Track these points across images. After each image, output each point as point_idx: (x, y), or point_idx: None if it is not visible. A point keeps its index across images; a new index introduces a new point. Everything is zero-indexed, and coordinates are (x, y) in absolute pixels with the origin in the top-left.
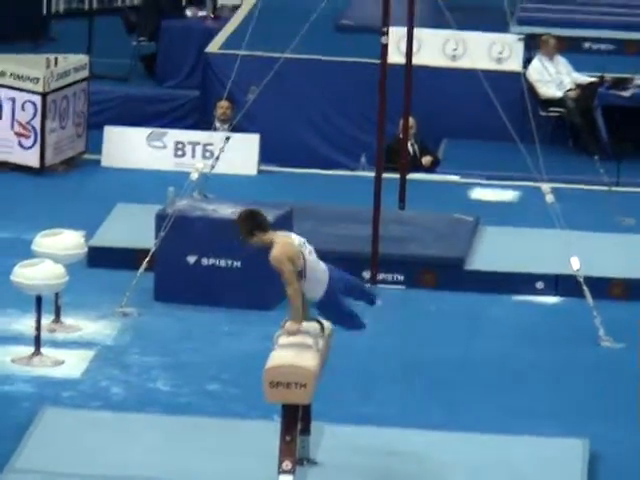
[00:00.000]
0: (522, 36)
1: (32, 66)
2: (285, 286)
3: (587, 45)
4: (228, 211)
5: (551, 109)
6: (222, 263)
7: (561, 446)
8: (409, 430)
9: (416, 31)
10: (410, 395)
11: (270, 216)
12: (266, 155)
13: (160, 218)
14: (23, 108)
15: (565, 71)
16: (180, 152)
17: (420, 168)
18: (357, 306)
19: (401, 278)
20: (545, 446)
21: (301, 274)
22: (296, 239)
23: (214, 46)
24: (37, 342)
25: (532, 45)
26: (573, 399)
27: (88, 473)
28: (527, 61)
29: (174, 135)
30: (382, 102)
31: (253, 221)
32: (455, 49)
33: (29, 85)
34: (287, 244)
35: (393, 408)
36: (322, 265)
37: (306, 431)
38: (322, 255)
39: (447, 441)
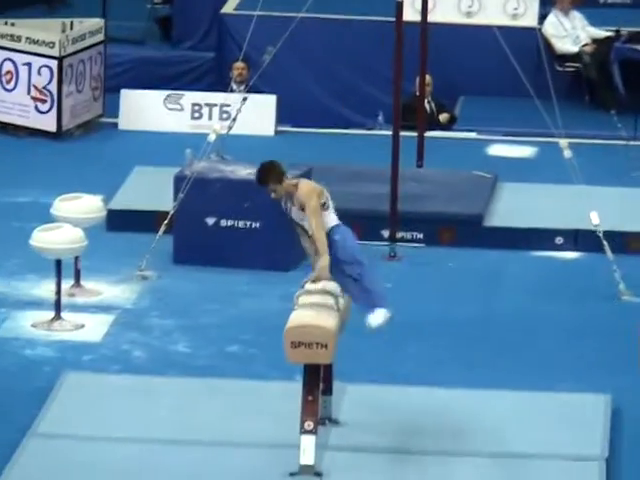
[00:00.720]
0: None
1: (47, 30)
2: (310, 219)
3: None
4: (246, 172)
5: (567, 64)
6: (241, 224)
7: (583, 401)
8: (429, 388)
9: None
10: (429, 353)
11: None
12: (283, 116)
13: (178, 180)
14: (39, 73)
15: (581, 26)
16: (197, 114)
17: (437, 126)
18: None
19: (420, 236)
20: (567, 402)
21: (324, 205)
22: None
23: (229, 7)
24: (57, 306)
25: (547, 0)
26: (594, 354)
27: (110, 436)
28: (542, 17)
29: (191, 97)
30: (398, 60)
31: (279, 168)
32: (470, 6)
33: (45, 50)
34: (312, 182)
35: (413, 366)
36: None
37: (328, 391)
38: (341, 214)
39: (468, 398)
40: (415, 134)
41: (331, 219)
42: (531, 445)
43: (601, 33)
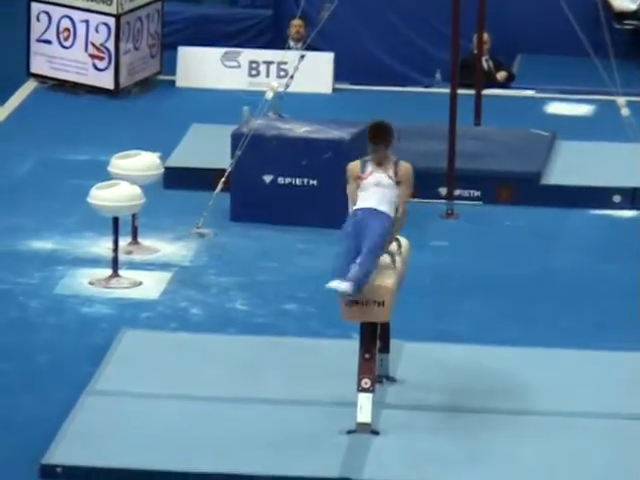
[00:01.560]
0: None
1: None
2: (404, 202)
3: None
4: (303, 130)
5: (626, 22)
6: (298, 182)
7: None
8: (487, 346)
9: None
10: (487, 311)
11: (346, 134)
12: (341, 73)
13: (236, 138)
14: (97, 30)
15: None
16: (254, 71)
17: (495, 83)
18: None
19: (477, 194)
20: (625, 360)
21: None
22: None
23: None
24: (115, 264)
25: None
26: None
27: (167, 393)
28: None
29: (248, 55)
30: (456, 18)
31: (393, 132)
32: None
33: (102, 7)
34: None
35: (471, 324)
36: None
37: (385, 349)
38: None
39: (525, 356)
40: (473, 92)
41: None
42: (588, 404)
43: None
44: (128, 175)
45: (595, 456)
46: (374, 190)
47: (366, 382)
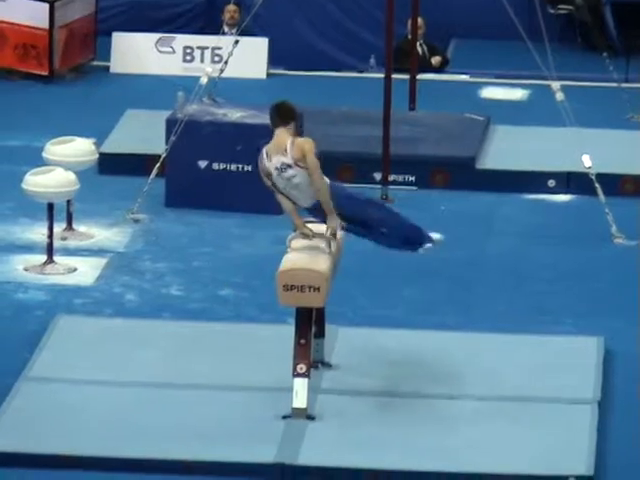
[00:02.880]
0: None
1: None
2: (315, 179)
3: None
4: (238, 115)
5: (560, 7)
6: (233, 167)
7: (575, 344)
8: (423, 331)
9: None
10: (423, 296)
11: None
12: (275, 58)
13: (170, 123)
14: (31, 16)
15: None
16: (189, 57)
17: (429, 68)
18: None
19: (412, 179)
20: (559, 344)
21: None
22: None
23: None
24: (49, 250)
25: None
26: (586, 297)
27: (102, 380)
28: None
29: (182, 40)
30: (390, 2)
31: (291, 110)
32: None
33: None
34: (309, 139)
35: (406, 309)
36: None
37: (320, 334)
38: (333, 157)
39: (461, 341)
40: (407, 77)
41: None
42: (524, 388)
43: None
44: (63, 161)
45: (527, 440)
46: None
47: (301, 367)
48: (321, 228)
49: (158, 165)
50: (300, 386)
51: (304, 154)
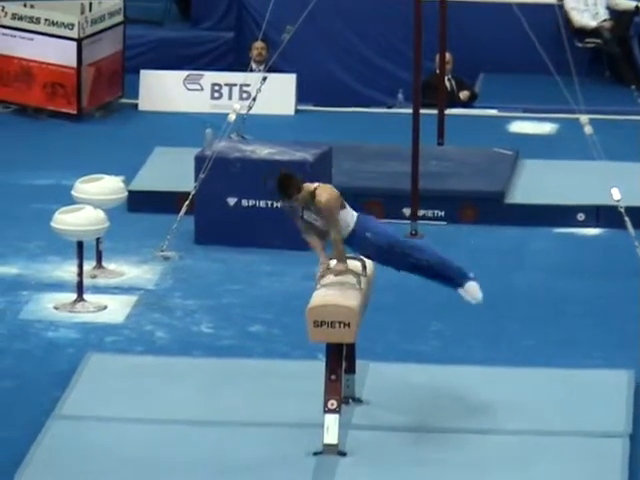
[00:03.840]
0: None
1: (66, 12)
2: (330, 229)
3: None
4: (266, 152)
5: (587, 40)
6: (262, 204)
7: (606, 378)
8: (452, 366)
9: None
10: (453, 330)
11: (309, 156)
12: (303, 95)
13: (199, 160)
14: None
15: (600, 2)
16: (217, 94)
17: (458, 103)
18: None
19: (442, 214)
20: (590, 378)
21: (342, 205)
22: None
23: None
24: (79, 288)
25: None
26: (616, 330)
27: (133, 417)
28: None
29: (210, 77)
30: (417, 38)
31: (295, 177)
32: None
33: (64, 31)
34: (329, 187)
35: (436, 344)
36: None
37: (351, 370)
38: (362, 193)
39: (491, 376)
40: (436, 112)
41: (350, 215)
42: (554, 422)
43: (623, 5)
44: (92, 199)
45: (559, 475)
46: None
47: (332, 403)
48: (353, 264)
49: (187, 202)
50: (331, 422)
51: (321, 208)
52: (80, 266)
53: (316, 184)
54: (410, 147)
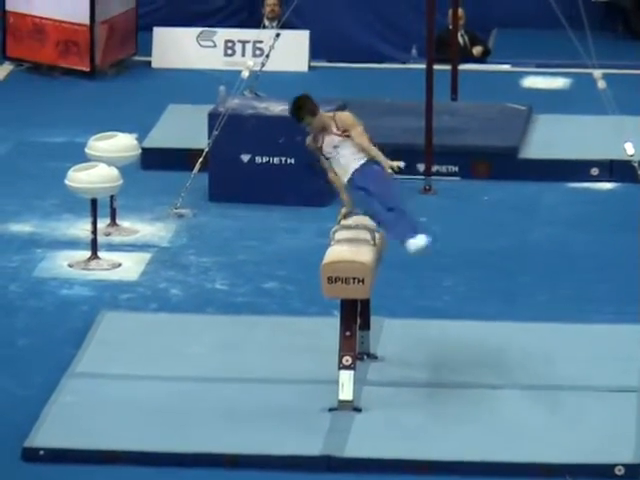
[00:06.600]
0: None
1: None
2: (360, 139)
3: None
4: (280, 108)
5: None
6: (276, 160)
7: (620, 332)
8: (467, 321)
9: None
10: (466, 286)
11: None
12: (316, 51)
13: (212, 117)
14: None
15: None
16: (230, 51)
17: (471, 58)
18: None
19: (455, 169)
20: (604, 333)
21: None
22: None
23: None
24: (94, 246)
25: None
26: (630, 285)
27: (148, 374)
28: None
29: (224, 34)
30: None
31: (312, 101)
32: None
33: None
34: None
35: (450, 299)
36: None
37: (365, 326)
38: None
39: (504, 331)
40: (449, 67)
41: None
42: (569, 377)
43: None
44: (105, 157)
45: (572, 429)
46: (336, 153)
47: (347, 359)
48: (364, 220)
49: (201, 159)
50: (346, 378)
51: (349, 124)
52: (94, 224)
53: (335, 112)
54: (424, 102)
